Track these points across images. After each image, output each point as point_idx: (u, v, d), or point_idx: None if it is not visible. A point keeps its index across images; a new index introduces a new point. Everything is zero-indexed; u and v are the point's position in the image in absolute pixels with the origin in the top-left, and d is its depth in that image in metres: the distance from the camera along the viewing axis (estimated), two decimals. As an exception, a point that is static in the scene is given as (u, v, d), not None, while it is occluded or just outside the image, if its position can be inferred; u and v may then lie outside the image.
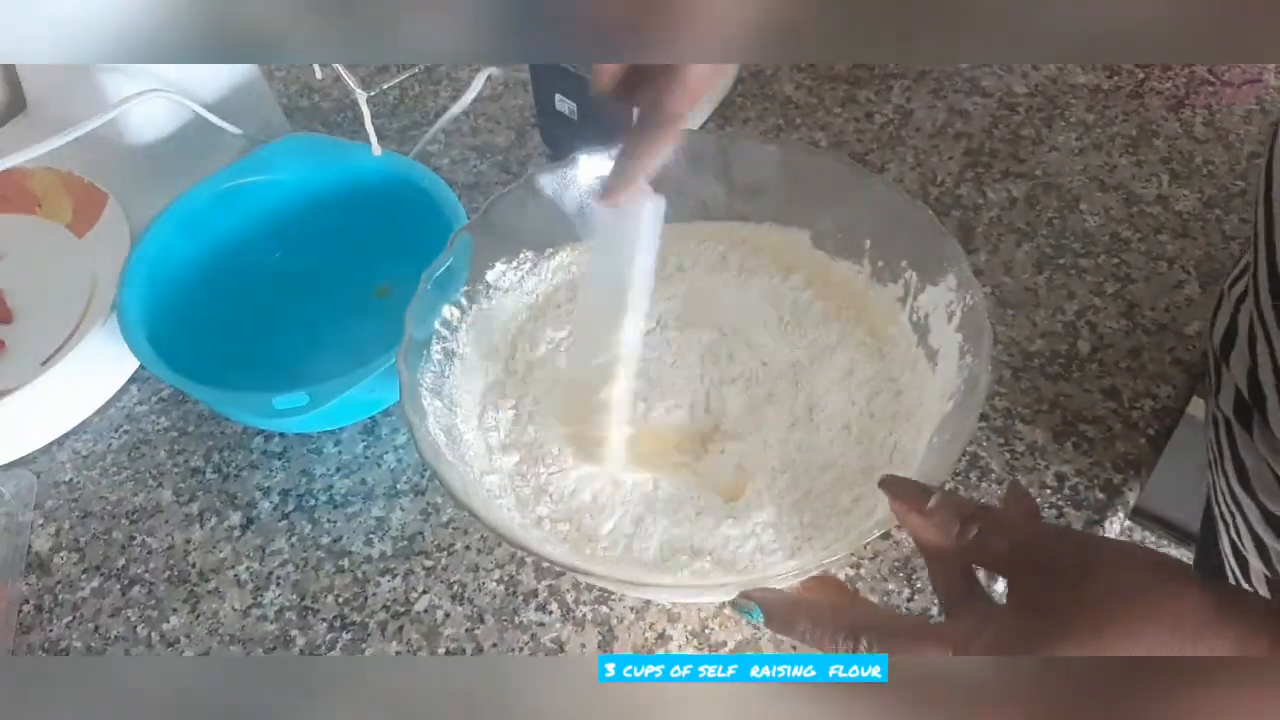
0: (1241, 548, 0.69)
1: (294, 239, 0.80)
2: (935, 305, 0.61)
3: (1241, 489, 0.66)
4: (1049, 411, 0.72)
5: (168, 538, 0.70)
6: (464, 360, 0.65)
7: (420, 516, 0.70)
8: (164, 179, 0.81)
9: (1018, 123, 0.90)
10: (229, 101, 0.85)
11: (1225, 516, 0.70)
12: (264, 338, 0.77)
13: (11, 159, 0.76)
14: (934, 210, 0.81)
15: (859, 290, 0.67)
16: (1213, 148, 0.87)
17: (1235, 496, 0.67)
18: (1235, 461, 0.66)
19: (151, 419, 0.76)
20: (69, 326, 0.75)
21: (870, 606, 0.53)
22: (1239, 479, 0.66)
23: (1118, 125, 0.89)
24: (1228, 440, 0.66)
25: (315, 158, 0.78)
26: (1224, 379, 0.65)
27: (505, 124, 0.93)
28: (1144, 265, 0.79)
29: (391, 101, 0.95)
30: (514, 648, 0.64)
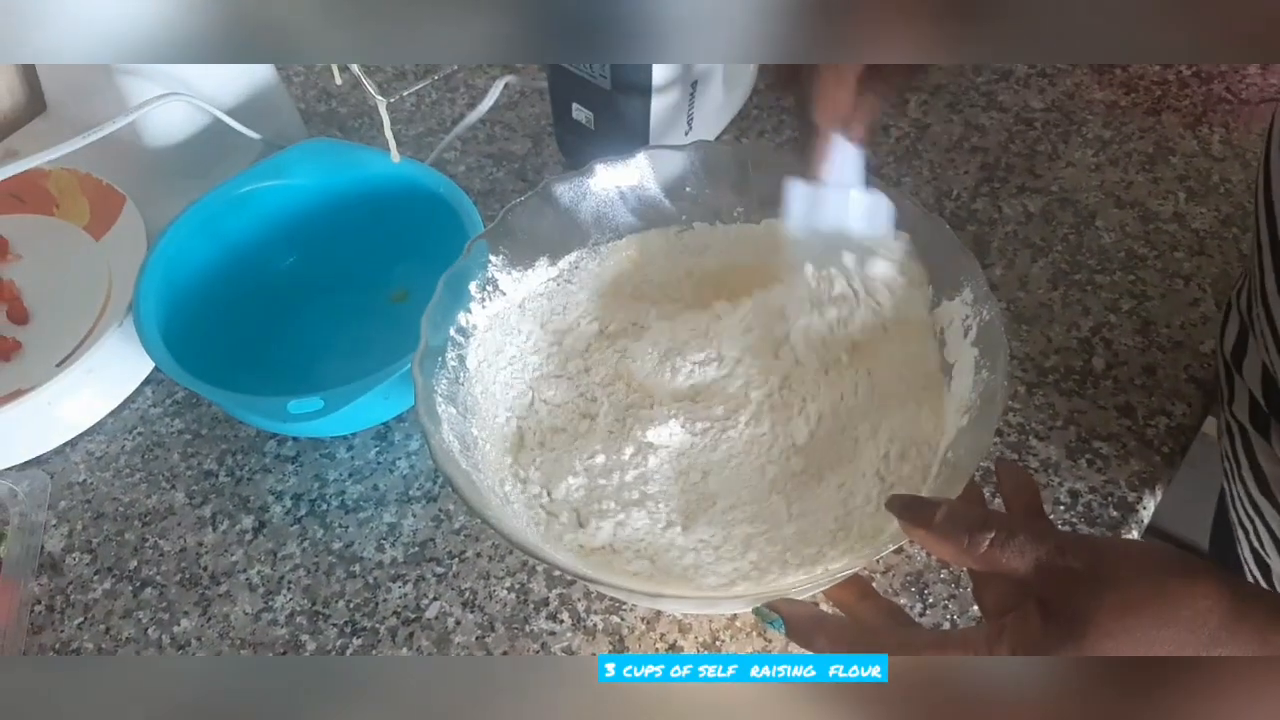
0: (1263, 553, 0.69)
1: (310, 243, 0.80)
2: (951, 319, 0.61)
3: (1262, 495, 0.66)
4: (1063, 427, 0.71)
5: (180, 540, 0.70)
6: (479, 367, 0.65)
7: (432, 523, 0.70)
8: (182, 182, 0.82)
9: (1034, 138, 0.90)
10: (247, 106, 0.85)
11: (1244, 524, 0.70)
12: (278, 342, 0.77)
13: (30, 160, 0.76)
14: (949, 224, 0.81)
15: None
16: (1230, 165, 0.87)
17: (1255, 503, 0.67)
18: (1254, 469, 0.66)
19: (165, 421, 0.76)
20: (85, 328, 0.75)
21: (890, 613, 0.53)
22: (1258, 486, 0.66)
23: (1135, 142, 0.89)
24: (1244, 448, 0.66)
25: (333, 163, 0.78)
26: (1237, 388, 0.65)
27: (522, 132, 0.93)
28: (1160, 282, 0.79)
29: (409, 108, 0.96)
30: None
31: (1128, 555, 0.42)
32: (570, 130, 0.85)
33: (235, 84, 0.85)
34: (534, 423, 0.66)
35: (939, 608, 0.64)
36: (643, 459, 0.63)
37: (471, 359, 0.64)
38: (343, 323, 0.79)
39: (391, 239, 0.78)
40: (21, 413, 0.71)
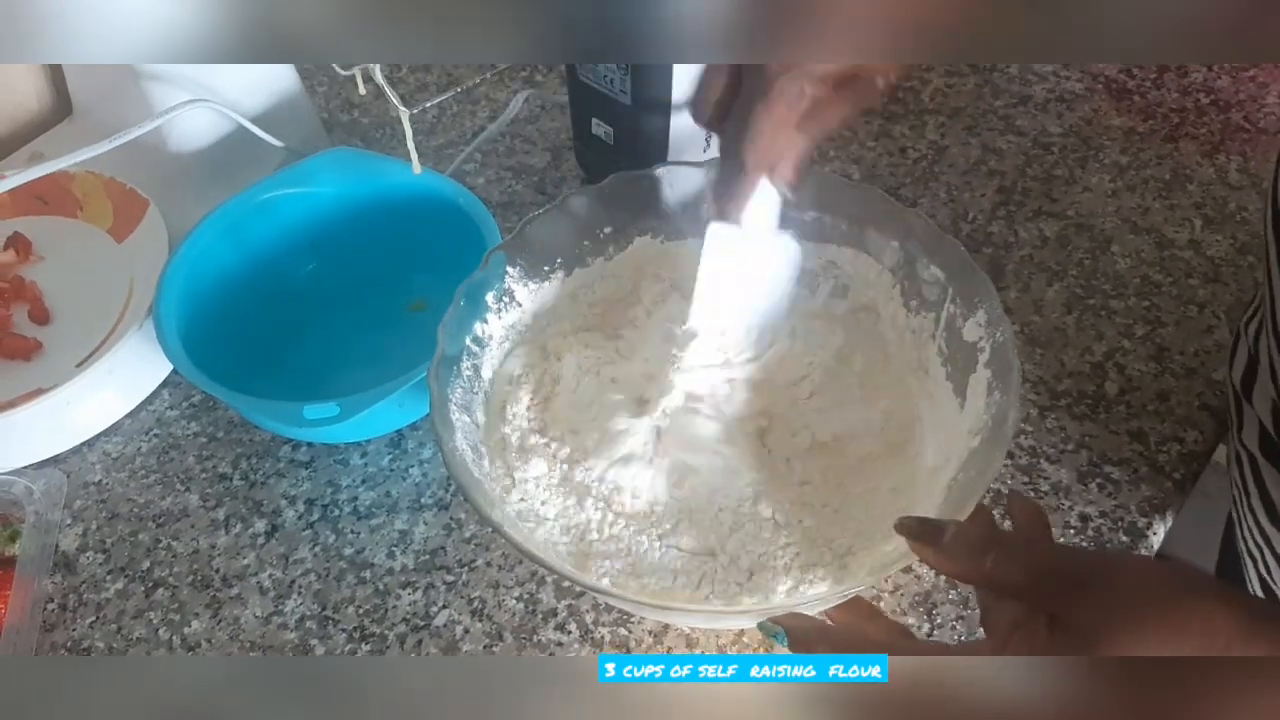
0: (1271, 582, 0.69)
1: (330, 251, 0.81)
2: (965, 340, 0.61)
3: (1271, 524, 0.66)
4: (1075, 451, 0.72)
5: (193, 542, 0.71)
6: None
7: (443, 531, 0.70)
8: (204, 188, 0.82)
9: (1051, 162, 0.90)
10: (271, 114, 0.86)
11: (1253, 552, 0.70)
12: (296, 348, 0.78)
13: (56, 163, 0.77)
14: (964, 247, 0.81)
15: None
16: (1246, 194, 0.87)
17: (1264, 532, 0.67)
18: (1263, 498, 0.65)
19: (181, 424, 0.77)
20: (105, 329, 0.76)
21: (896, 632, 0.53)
22: (1268, 514, 0.66)
23: (1151, 168, 0.89)
24: (1254, 476, 0.66)
25: (354, 172, 0.79)
26: (1246, 416, 0.65)
27: (541, 145, 0.94)
28: (1174, 309, 0.79)
29: (430, 120, 0.96)
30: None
31: (1137, 571, 0.42)
32: (589, 145, 0.85)
33: (259, 92, 0.86)
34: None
35: (946, 628, 0.64)
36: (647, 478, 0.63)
37: (486, 369, 0.65)
38: (360, 330, 0.80)
39: (410, 249, 0.79)
40: (40, 412, 0.72)
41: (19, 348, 0.76)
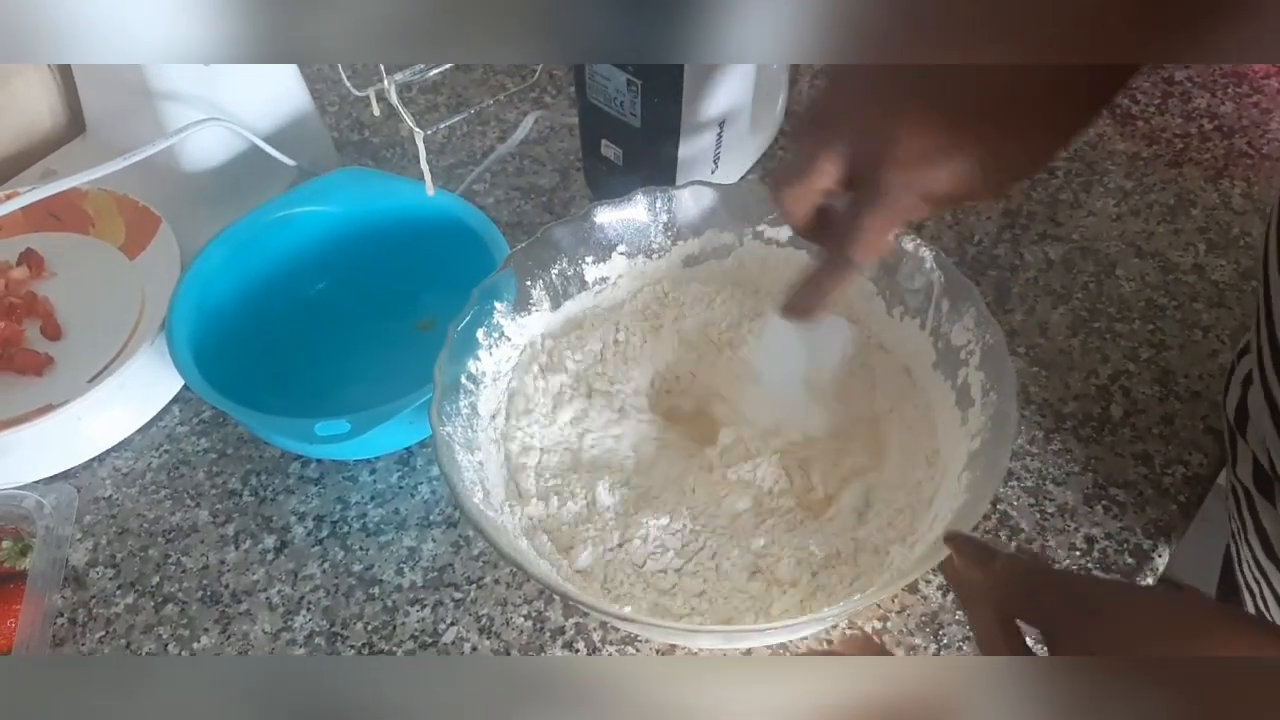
0: (1270, 615, 0.69)
1: (341, 270, 0.81)
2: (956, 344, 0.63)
3: (1267, 558, 0.66)
4: (1080, 474, 0.72)
5: (202, 558, 0.71)
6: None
7: (451, 549, 0.70)
8: (216, 206, 0.83)
9: (1056, 186, 0.91)
10: (283, 133, 0.87)
11: (1251, 585, 0.70)
12: (306, 365, 0.79)
13: (69, 180, 0.78)
14: (970, 269, 0.82)
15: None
16: (1250, 219, 0.88)
17: (1260, 566, 0.67)
18: (1259, 532, 0.66)
19: (192, 440, 0.77)
20: (116, 345, 0.77)
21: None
22: (1263, 548, 0.66)
23: (1156, 193, 0.90)
24: (1249, 510, 0.66)
25: (366, 191, 0.80)
26: (1240, 450, 0.65)
27: (551, 166, 0.95)
28: (1179, 333, 0.80)
29: (440, 140, 0.97)
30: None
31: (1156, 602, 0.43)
32: (598, 166, 0.86)
33: (272, 111, 0.86)
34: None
35: (953, 649, 0.64)
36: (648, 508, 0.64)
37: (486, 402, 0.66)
38: (370, 348, 0.80)
39: (420, 267, 0.79)
40: (51, 427, 0.72)
41: (31, 363, 0.77)
